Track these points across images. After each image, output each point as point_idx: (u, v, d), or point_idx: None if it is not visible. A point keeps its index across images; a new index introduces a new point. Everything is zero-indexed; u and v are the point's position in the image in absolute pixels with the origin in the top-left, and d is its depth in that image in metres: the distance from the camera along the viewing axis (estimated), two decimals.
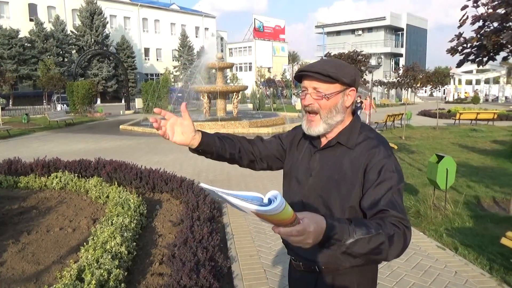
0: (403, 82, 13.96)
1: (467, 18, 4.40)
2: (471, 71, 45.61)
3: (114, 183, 5.73)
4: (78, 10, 39.12)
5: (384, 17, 45.30)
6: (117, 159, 6.94)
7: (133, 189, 5.67)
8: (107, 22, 40.94)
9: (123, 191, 5.23)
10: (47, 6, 40.20)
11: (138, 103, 29.91)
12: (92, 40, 38.47)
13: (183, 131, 1.36)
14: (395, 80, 14.89)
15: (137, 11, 48.35)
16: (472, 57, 4.64)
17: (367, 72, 12.99)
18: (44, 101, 29.54)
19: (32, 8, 39.01)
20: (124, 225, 3.93)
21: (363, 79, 13.31)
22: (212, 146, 1.43)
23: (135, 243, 3.72)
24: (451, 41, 4.73)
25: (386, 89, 38.85)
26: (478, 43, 4.46)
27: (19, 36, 34.12)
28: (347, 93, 1.34)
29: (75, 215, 4.77)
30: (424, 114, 23.56)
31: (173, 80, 40.14)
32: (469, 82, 48.01)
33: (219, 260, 3.39)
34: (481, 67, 6.63)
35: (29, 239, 4.03)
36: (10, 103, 31.65)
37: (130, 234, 3.77)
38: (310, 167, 1.39)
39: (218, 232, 4.15)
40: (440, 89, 17.17)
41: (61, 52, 36.75)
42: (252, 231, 4.48)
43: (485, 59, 4.60)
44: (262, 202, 0.89)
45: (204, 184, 0.99)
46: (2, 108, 24.83)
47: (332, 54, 13.45)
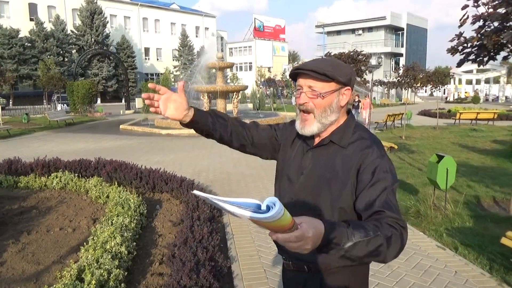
0: (403, 81, 13.95)
1: (468, 17, 4.40)
2: (471, 71, 45.59)
3: (114, 183, 5.73)
4: (78, 10, 39.11)
5: (384, 16, 45.29)
6: (117, 159, 6.94)
7: (133, 189, 5.67)
8: (107, 22, 40.93)
9: (123, 191, 5.24)
10: (47, 6, 40.20)
11: (138, 103, 29.92)
12: (92, 39, 38.47)
13: (176, 106, 1.35)
14: (395, 79, 14.89)
15: (137, 11, 48.35)
16: (472, 56, 4.64)
17: (367, 71, 12.97)
18: (44, 100, 29.53)
19: (32, 8, 39.01)
20: (124, 225, 3.93)
21: (363, 79, 13.28)
22: (203, 124, 1.43)
23: (135, 243, 3.72)
24: (452, 40, 4.73)
25: (386, 89, 38.81)
26: (479, 43, 4.46)
27: (19, 35, 34.12)
28: (342, 92, 1.32)
29: (75, 215, 4.77)
30: (424, 114, 23.57)
31: (173, 79, 40.13)
32: (469, 82, 47.99)
33: (219, 260, 3.39)
34: (481, 67, 6.63)
35: (29, 239, 4.03)
36: (10, 102, 31.66)
37: (130, 234, 3.77)
38: (302, 166, 1.38)
39: (218, 232, 4.15)
40: (441, 89, 17.14)
41: (61, 52, 36.75)
42: (252, 231, 4.47)
43: (485, 59, 4.61)
44: (259, 209, 0.86)
45: (197, 191, 0.96)
46: (2, 108, 24.83)
47: (332, 54, 13.45)
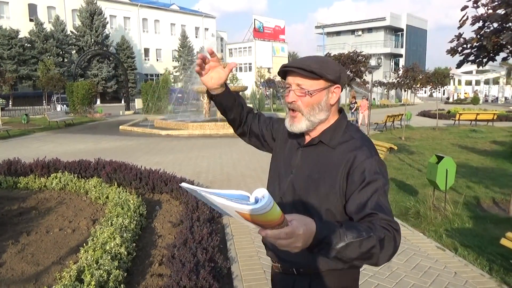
0: (402, 82, 13.93)
1: (467, 18, 4.40)
2: (470, 72, 45.62)
3: (113, 184, 5.73)
4: (78, 11, 39.10)
5: (384, 17, 45.34)
6: (116, 159, 6.94)
7: (132, 189, 5.67)
8: (107, 23, 40.92)
9: (123, 191, 5.23)
10: (47, 7, 40.19)
11: (138, 103, 29.92)
12: (92, 40, 38.46)
13: (214, 77, 1.41)
14: (395, 80, 14.86)
15: (137, 11, 48.35)
16: (472, 57, 4.64)
17: (367, 72, 12.94)
18: (44, 101, 29.53)
19: (32, 9, 38.99)
20: (123, 225, 3.93)
21: (362, 80, 13.25)
22: (226, 103, 1.50)
23: (134, 244, 3.71)
24: (451, 41, 4.73)
25: (386, 89, 38.83)
26: (478, 44, 4.46)
27: (19, 36, 34.10)
28: (331, 90, 1.29)
29: (74, 216, 4.76)
30: (424, 114, 23.59)
31: (173, 80, 40.13)
32: (468, 83, 48.02)
33: (218, 261, 3.39)
34: (480, 68, 6.63)
35: (28, 239, 4.02)
36: (10, 103, 31.64)
37: (130, 235, 3.77)
38: (292, 165, 1.36)
39: (218, 233, 4.15)
40: (440, 89, 17.14)
41: (61, 53, 36.72)
42: (252, 232, 4.47)
43: (485, 60, 4.61)
44: (248, 201, 0.81)
45: (185, 184, 0.93)
46: (2, 109, 24.84)
47: (332, 55, 13.43)
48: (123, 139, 13.67)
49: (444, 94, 43.78)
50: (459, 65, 4.89)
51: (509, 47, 4.37)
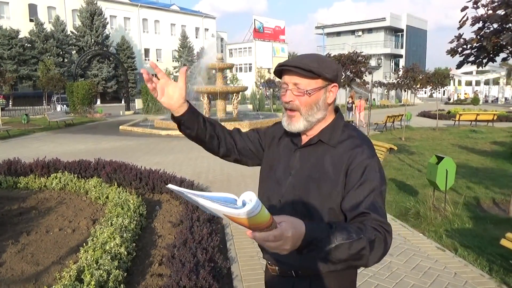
0: (402, 83, 13.94)
1: (467, 19, 4.40)
2: (470, 72, 45.65)
3: (113, 184, 5.73)
4: (78, 11, 39.14)
5: (384, 18, 45.33)
6: (116, 159, 6.95)
7: (132, 189, 5.67)
8: (107, 23, 40.97)
9: (123, 191, 5.23)
10: (47, 7, 40.22)
11: (138, 103, 29.91)
12: (92, 40, 38.49)
13: (174, 94, 1.29)
14: (395, 81, 14.87)
15: (137, 12, 48.37)
16: (472, 58, 4.64)
17: (367, 73, 12.94)
18: (44, 101, 29.55)
19: (32, 9, 39.02)
20: (123, 225, 3.93)
21: (362, 80, 13.25)
22: (195, 122, 1.35)
23: (134, 244, 3.71)
24: (451, 42, 4.74)
25: (386, 90, 38.84)
26: (478, 44, 4.46)
27: (19, 36, 34.15)
28: (329, 89, 1.28)
29: (74, 216, 4.76)
30: (424, 115, 23.59)
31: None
32: (468, 83, 48.04)
33: (218, 261, 3.39)
34: (480, 68, 6.63)
35: (28, 239, 4.02)
36: (10, 103, 31.65)
37: (130, 235, 3.77)
38: (290, 166, 1.33)
39: (218, 233, 4.15)
40: (440, 90, 17.14)
41: (61, 53, 36.76)
42: None
43: (484, 60, 4.61)
44: (235, 205, 0.81)
45: (172, 185, 0.92)
46: (2, 109, 24.83)
47: (332, 55, 13.43)
48: (123, 139, 13.68)
49: (444, 95, 43.83)
50: (459, 65, 4.90)
51: (509, 47, 4.37)
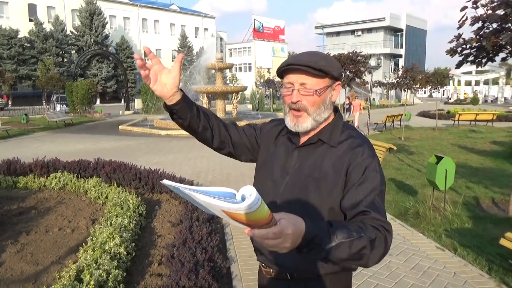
0: (402, 83, 13.95)
1: (467, 19, 4.40)
2: (470, 72, 45.67)
3: (113, 184, 5.72)
4: (78, 10, 39.12)
5: (384, 18, 45.36)
6: (116, 159, 6.94)
7: (132, 189, 5.67)
8: (107, 23, 40.93)
9: (122, 191, 5.23)
10: (46, 6, 40.18)
11: (138, 103, 29.87)
12: (92, 40, 38.47)
13: (167, 82, 1.23)
14: (395, 81, 14.88)
15: (136, 12, 48.35)
16: (471, 58, 4.64)
17: (366, 73, 12.95)
18: (44, 101, 29.54)
19: (32, 8, 38.99)
20: (123, 225, 3.93)
21: (362, 80, 13.26)
22: (188, 112, 1.29)
23: (134, 244, 3.71)
24: (451, 42, 4.74)
25: (385, 90, 38.85)
26: (477, 44, 4.47)
27: (19, 36, 34.14)
28: (333, 87, 1.27)
29: (74, 216, 4.76)
30: (424, 115, 23.60)
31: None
32: (468, 83, 48.07)
33: (218, 261, 3.39)
34: (480, 68, 6.64)
35: (28, 239, 4.02)
36: (9, 103, 31.63)
37: (129, 235, 3.77)
38: (288, 165, 1.31)
39: (217, 233, 4.15)
40: (440, 89, 17.14)
41: (60, 52, 36.74)
42: None
43: (484, 60, 4.62)
44: (234, 199, 0.77)
45: (166, 181, 0.87)
46: (1, 108, 24.84)
47: (331, 55, 13.44)
48: (122, 139, 13.67)
49: (443, 95, 43.84)
50: (458, 65, 4.90)
51: (508, 47, 4.38)
